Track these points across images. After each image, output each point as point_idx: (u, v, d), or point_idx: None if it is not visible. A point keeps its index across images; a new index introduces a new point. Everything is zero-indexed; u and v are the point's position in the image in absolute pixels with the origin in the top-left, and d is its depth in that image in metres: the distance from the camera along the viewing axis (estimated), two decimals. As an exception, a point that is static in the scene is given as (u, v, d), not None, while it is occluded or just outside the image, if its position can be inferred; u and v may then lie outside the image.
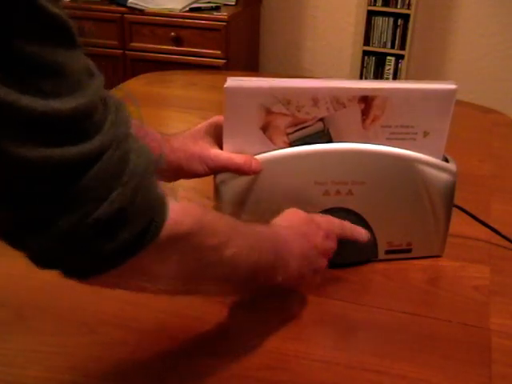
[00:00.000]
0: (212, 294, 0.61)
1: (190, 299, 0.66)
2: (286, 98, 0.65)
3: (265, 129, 0.66)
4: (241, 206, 0.68)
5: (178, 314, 0.64)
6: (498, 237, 0.79)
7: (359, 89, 0.66)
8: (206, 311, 0.64)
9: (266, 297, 0.66)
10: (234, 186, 0.67)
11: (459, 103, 0.71)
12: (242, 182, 0.67)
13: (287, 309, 0.65)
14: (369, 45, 2.66)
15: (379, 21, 2.61)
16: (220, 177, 0.67)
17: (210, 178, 0.69)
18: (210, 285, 0.53)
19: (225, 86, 0.62)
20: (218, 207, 0.68)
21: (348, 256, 0.72)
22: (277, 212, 0.67)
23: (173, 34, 2.40)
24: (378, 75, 2.70)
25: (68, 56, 0.36)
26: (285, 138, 0.67)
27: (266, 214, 0.68)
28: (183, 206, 0.48)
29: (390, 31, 2.61)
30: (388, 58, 2.66)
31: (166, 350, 0.58)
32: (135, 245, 0.42)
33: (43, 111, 0.35)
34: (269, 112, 0.65)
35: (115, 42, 2.47)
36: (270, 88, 0.64)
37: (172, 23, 2.40)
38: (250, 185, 0.67)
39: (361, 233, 0.67)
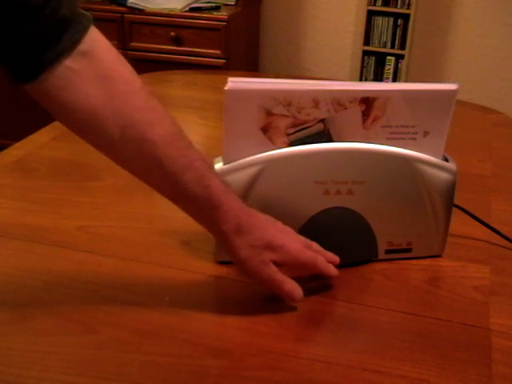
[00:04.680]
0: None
1: (189, 299, 0.66)
2: (287, 99, 0.65)
3: (265, 130, 0.66)
4: (241, 206, 0.68)
5: (177, 314, 0.64)
6: (498, 237, 0.79)
7: (360, 91, 0.66)
8: (205, 311, 0.65)
9: (266, 296, 0.66)
10: (234, 185, 0.67)
11: (459, 103, 0.71)
12: (242, 181, 0.67)
13: (287, 309, 0.65)
14: (369, 45, 2.66)
15: (379, 21, 2.61)
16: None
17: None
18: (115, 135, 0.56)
19: (225, 88, 0.62)
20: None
21: (348, 256, 0.72)
22: (277, 212, 0.67)
23: (173, 33, 2.40)
24: (378, 75, 2.70)
25: None
26: (285, 139, 0.67)
27: (266, 214, 0.68)
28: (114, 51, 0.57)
29: (390, 31, 2.61)
30: (388, 57, 2.66)
31: (165, 349, 0.59)
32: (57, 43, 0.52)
33: None
34: (269, 113, 0.65)
35: (115, 42, 2.47)
36: (271, 90, 0.64)
37: (172, 23, 2.40)
38: (251, 184, 0.67)
39: (330, 272, 0.66)
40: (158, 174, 0.58)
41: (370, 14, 2.60)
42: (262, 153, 0.66)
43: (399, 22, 2.59)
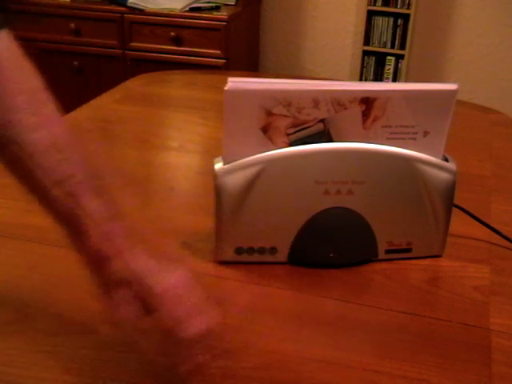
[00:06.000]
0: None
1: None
2: (287, 100, 0.65)
3: (265, 130, 0.66)
4: (241, 206, 0.68)
5: (178, 313, 0.63)
6: (498, 237, 0.79)
7: (360, 91, 0.66)
8: (206, 311, 0.64)
9: (266, 296, 0.66)
10: (234, 185, 0.67)
11: (459, 103, 0.71)
12: (242, 181, 0.67)
13: (287, 309, 0.65)
14: (369, 45, 2.66)
15: (379, 21, 2.61)
16: (220, 176, 0.67)
17: (209, 178, 0.69)
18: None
19: (225, 88, 0.62)
20: (218, 207, 0.68)
21: (348, 256, 0.72)
22: (277, 212, 0.67)
23: (173, 33, 2.40)
24: (378, 75, 2.70)
25: None
26: (285, 139, 0.67)
27: (266, 214, 0.68)
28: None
29: (390, 31, 2.62)
30: (388, 57, 2.66)
31: (165, 349, 0.58)
32: None
33: None
34: (269, 113, 0.65)
35: (115, 42, 2.47)
36: (271, 90, 0.64)
37: (172, 23, 2.40)
38: (251, 184, 0.67)
39: None
40: (30, 182, 0.52)
41: (370, 14, 2.60)
42: (261, 153, 0.66)
43: (399, 22, 2.59)
